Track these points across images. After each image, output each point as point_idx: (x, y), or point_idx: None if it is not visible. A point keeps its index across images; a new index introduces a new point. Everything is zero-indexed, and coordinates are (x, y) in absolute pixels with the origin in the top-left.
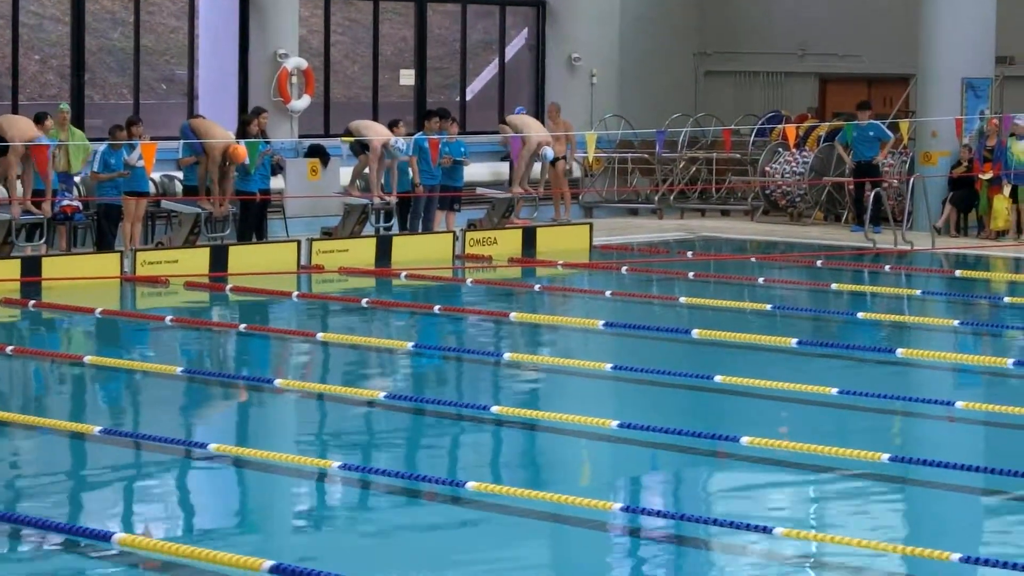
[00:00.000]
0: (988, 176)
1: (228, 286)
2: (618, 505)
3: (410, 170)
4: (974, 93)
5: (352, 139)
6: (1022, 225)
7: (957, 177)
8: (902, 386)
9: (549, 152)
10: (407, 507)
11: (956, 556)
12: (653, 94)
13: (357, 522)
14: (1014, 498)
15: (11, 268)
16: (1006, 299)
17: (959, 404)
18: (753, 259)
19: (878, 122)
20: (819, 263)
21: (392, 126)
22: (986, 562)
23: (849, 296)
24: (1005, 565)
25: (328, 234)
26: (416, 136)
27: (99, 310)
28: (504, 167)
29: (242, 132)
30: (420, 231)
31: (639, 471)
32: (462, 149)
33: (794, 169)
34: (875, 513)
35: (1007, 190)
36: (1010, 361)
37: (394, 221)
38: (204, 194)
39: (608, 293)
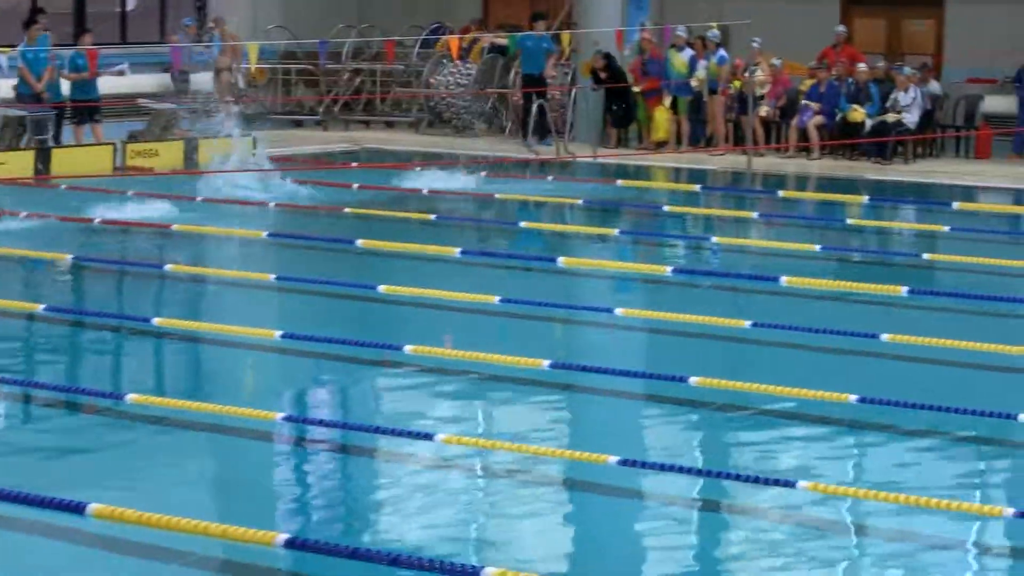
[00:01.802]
0: (638, 88)
1: None
2: (281, 415)
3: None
4: (635, 5)
5: None
6: (681, 136)
7: (612, 90)
8: (563, 294)
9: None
10: (67, 419)
11: (614, 459)
12: (316, 4)
13: (14, 436)
14: (671, 401)
15: None
16: (665, 207)
17: (618, 311)
18: (418, 169)
19: (548, 34)
20: (483, 174)
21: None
22: (643, 465)
23: (512, 206)
24: (663, 468)
25: None
26: (20, 48)
27: None
28: (167, 78)
29: None
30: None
31: (303, 381)
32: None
33: (458, 81)
34: (537, 418)
35: (667, 101)
36: (668, 268)
37: (51, 133)
38: None
39: (272, 204)
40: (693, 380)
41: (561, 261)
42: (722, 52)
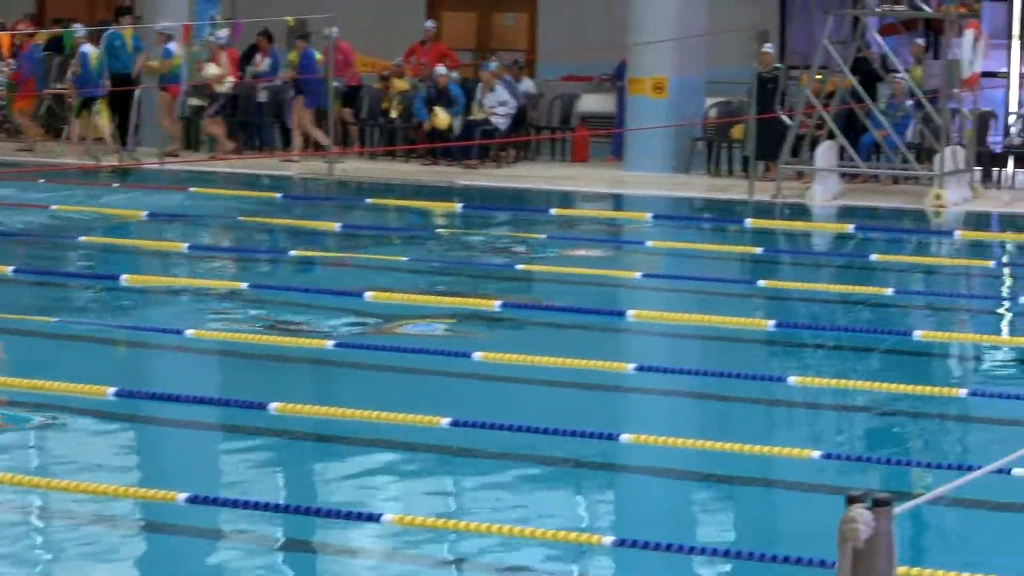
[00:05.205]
0: None
1: None
2: None
3: None
4: None
5: None
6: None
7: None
8: (129, 314)
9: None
10: None
11: (184, 496)
12: None
13: None
14: (249, 430)
15: None
16: (240, 218)
17: (189, 332)
18: None
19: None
20: (42, 181)
21: None
22: (216, 501)
23: (72, 218)
24: (237, 504)
25: None
26: None
27: None
28: None
29: None
30: None
31: None
32: None
33: (9, 81)
34: (100, 453)
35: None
36: (244, 284)
37: None
38: None
39: None
40: (273, 407)
41: (125, 279)
42: (168, 46)
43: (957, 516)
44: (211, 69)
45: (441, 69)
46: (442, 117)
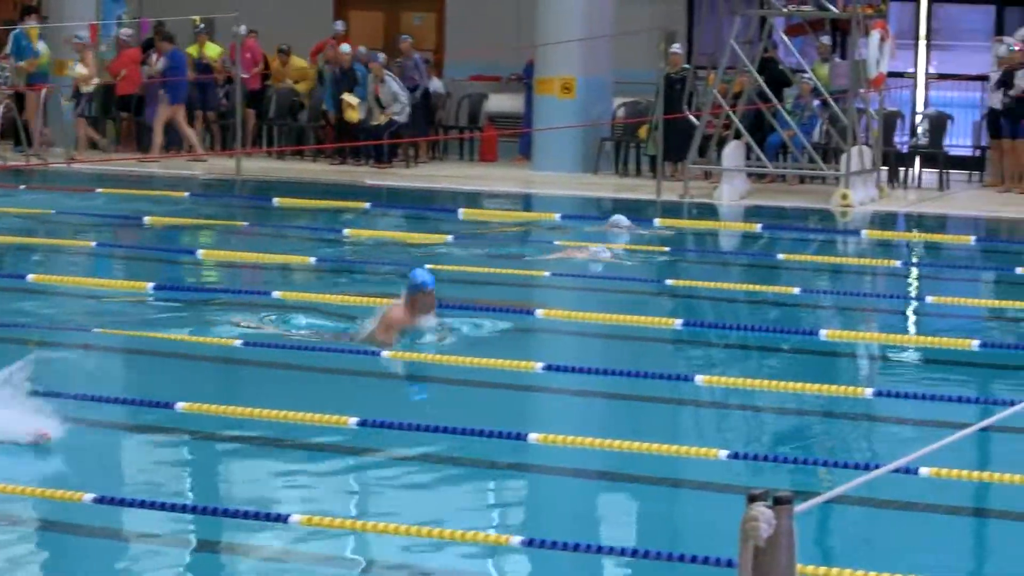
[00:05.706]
0: None
1: None
2: None
3: None
4: None
5: None
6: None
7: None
8: (35, 314)
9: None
10: None
11: (89, 496)
12: None
13: None
14: (155, 429)
15: None
16: (147, 218)
17: (96, 331)
18: None
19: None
20: None
21: None
22: (123, 502)
23: None
24: (144, 504)
25: None
26: None
27: None
28: None
29: None
30: None
31: None
32: None
33: None
34: (6, 453)
35: None
36: (149, 285)
37: None
38: None
39: None
40: (180, 406)
41: (31, 278)
42: (39, 47)
43: (863, 515)
44: (78, 69)
45: (345, 47)
46: (353, 106)
